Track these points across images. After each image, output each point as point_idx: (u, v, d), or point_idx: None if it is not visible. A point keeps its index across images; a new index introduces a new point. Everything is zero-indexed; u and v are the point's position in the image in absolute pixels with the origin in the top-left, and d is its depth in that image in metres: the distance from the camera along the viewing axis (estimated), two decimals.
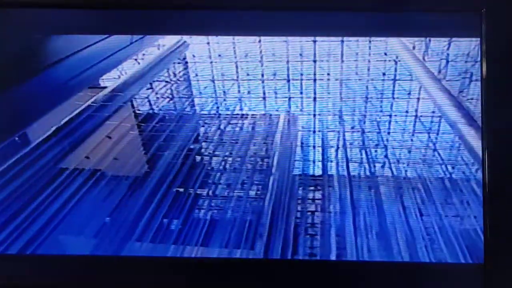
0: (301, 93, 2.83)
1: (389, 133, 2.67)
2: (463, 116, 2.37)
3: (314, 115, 2.74)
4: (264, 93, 2.88)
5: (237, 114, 2.84)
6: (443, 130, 2.56)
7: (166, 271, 0.78)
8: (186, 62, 2.99)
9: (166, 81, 2.91)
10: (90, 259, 0.83)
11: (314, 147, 2.64)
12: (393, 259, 1.85)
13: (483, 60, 0.78)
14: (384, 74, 2.79)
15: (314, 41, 2.89)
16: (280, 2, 0.80)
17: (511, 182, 0.75)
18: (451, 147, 2.45)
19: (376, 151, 2.54)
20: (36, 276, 0.78)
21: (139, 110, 2.69)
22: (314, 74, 2.83)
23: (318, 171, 2.49)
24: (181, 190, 2.26)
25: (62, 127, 2.19)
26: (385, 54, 2.86)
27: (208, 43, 2.94)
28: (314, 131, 2.68)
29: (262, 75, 2.90)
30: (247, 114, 2.83)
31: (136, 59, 2.88)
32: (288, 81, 2.87)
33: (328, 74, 2.81)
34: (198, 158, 2.57)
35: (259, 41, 2.89)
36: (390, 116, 2.71)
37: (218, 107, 2.90)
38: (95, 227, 1.90)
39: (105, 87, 2.63)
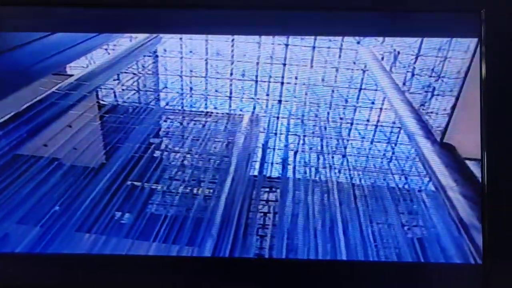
0: (267, 94, 2.85)
1: (348, 140, 2.71)
2: (421, 128, 2.43)
3: (278, 117, 2.76)
4: (230, 92, 2.88)
5: (201, 112, 2.83)
6: (401, 141, 2.63)
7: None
8: (157, 56, 2.97)
9: (134, 74, 2.88)
10: (82, 258, 0.80)
11: (274, 149, 2.66)
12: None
13: (482, 60, 0.78)
14: (350, 82, 2.83)
15: (286, 45, 2.91)
16: (284, 2, 0.79)
17: (510, 183, 0.76)
18: (407, 157, 2.51)
19: (333, 157, 2.58)
20: (27, 275, 0.76)
21: (103, 100, 2.65)
22: (282, 77, 2.85)
23: (276, 173, 2.51)
24: (136, 184, 2.25)
25: (22, 112, 2.14)
26: (354, 63, 2.90)
27: (181, 38, 2.93)
28: (276, 133, 2.70)
29: (231, 74, 2.90)
30: (211, 112, 2.83)
31: (106, 49, 2.85)
32: (256, 82, 2.88)
33: (296, 78, 2.84)
34: (157, 153, 2.56)
35: (232, 40, 2.89)
36: (352, 123, 2.76)
37: (183, 103, 2.88)
38: (44, 217, 1.88)
39: (71, 75, 2.59)
